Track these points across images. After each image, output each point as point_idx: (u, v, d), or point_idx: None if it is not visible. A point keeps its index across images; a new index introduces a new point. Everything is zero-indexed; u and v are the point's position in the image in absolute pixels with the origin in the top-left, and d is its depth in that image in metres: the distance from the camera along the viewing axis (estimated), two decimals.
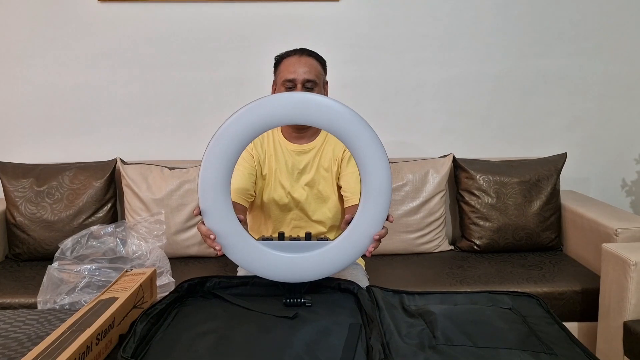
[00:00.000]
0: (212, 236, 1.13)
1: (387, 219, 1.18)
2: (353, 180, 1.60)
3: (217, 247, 1.14)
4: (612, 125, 2.63)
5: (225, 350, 0.95)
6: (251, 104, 1.11)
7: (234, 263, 2.17)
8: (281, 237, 1.19)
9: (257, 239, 1.17)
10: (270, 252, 1.15)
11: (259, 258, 1.15)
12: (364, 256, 1.21)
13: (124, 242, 1.89)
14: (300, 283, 1.18)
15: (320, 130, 1.69)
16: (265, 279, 1.23)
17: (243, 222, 1.19)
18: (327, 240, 1.19)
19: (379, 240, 1.18)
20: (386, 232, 1.19)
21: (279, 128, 1.69)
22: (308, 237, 1.20)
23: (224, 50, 2.47)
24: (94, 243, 1.87)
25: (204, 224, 1.14)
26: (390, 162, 1.17)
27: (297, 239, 1.19)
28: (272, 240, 1.18)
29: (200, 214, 1.15)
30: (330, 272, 1.17)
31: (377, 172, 1.13)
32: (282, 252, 1.15)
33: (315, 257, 1.16)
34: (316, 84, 1.58)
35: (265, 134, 1.70)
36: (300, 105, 1.10)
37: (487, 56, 2.53)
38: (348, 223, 1.18)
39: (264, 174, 1.66)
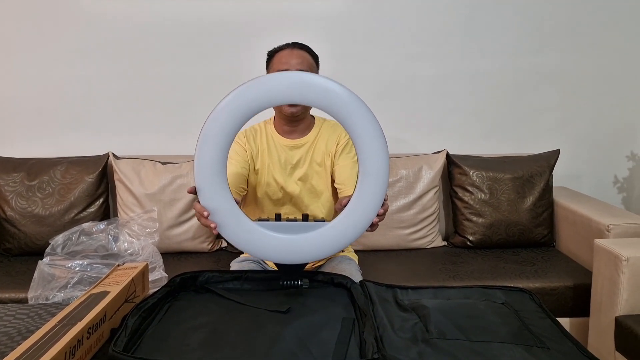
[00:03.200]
0: (205, 213, 1.11)
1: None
2: (346, 173, 1.60)
3: (212, 225, 1.12)
4: (605, 123, 2.64)
5: (218, 344, 0.95)
6: (249, 82, 1.09)
7: (227, 258, 2.17)
8: (278, 218, 1.17)
9: (254, 220, 1.15)
10: (267, 233, 1.13)
11: (256, 238, 1.13)
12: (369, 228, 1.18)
13: (116, 239, 1.87)
14: (297, 265, 1.16)
15: (313, 125, 1.68)
16: (258, 274, 1.23)
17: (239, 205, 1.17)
18: (324, 222, 1.17)
19: (383, 215, 1.17)
20: (387, 208, 1.18)
21: (272, 123, 1.69)
22: (305, 218, 1.18)
23: (217, 45, 2.46)
24: (85, 239, 1.86)
25: (199, 203, 1.13)
26: None
27: (294, 220, 1.18)
28: (268, 221, 1.16)
29: (194, 192, 1.13)
30: (328, 254, 1.16)
31: (374, 151, 1.11)
32: (279, 233, 1.13)
33: (313, 238, 1.14)
34: None
35: (258, 128, 1.69)
36: (298, 84, 1.09)
37: (481, 53, 2.54)
38: (343, 206, 1.16)
39: (256, 168, 1.65)
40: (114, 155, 2.32)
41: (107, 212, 2.31)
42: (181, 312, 1.08)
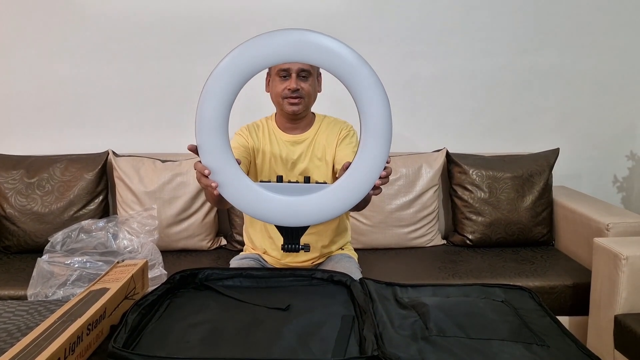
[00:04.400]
0: (206, 171, 1.09)
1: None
2: (347, 159, 1.59)
3: (212, 184, 1.10)
4: (605, 122, 2.64)
5: (218, 341, 0.95)
6: (250, 39, 1.07)
7: (226, 256, 2.17)
8: (279, 180, 1.16)
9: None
10: (268, 194, 1.11)
11: (257, 199, 1.11)
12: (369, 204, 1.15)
13: (115, 237, 1.87)
14: (299, 228, 1.15)
15: (314, 121, 1.68)
16: (258, 271, 1.23)
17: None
18: (326, 184, 1.15)
19: (385, 178, 1.15)
20: (390, 172, 1.16)
21: (274, 119, 1.69)
22: (307, 181, 1.17)
23: (217, 42, 2.45)
24: (84, 237, 1.86)
25: (200, 163, 1.11)
26: None
27: (296, 182, 1.16)
28: (270, 182, 1.14)
29: (194, 151, 1.11)
30: (330, 216, 1.14)
31: (376, 110, 1.09)
32: (280, 194, 1.11)
33: (315, 200, 1.11)
34: (310, 74, 1.58)
35: (260, 123, 1.69)
36: (300, 42, 1.07)
37: (481, 51, 2.53)
38: (345, 169, 1.14)
39: (257, 162, 1.65)
40: (114, 153, 2.32)
41: (107, 210, 2.31)
42: (181, 309, 1.08)
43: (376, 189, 1.15)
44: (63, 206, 2.19)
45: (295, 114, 1.59)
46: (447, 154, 2.41)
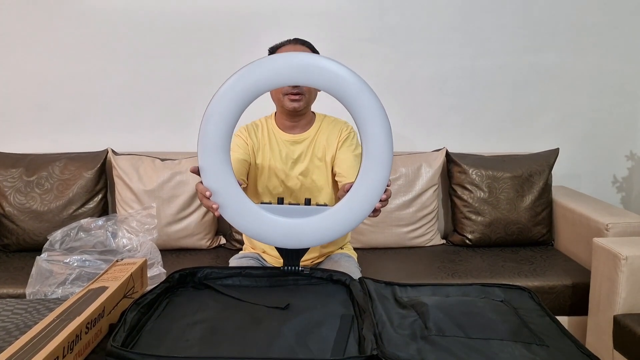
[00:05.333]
0: (207, 193, 1.10)
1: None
2: (347, 164, 1.60)
3: (214, 206, 1.11)
4: (604, 122, 2.64)
5: (216, 340, 0.95)
6: (254, 62, 1.08)
7: (225, 255, 2.17)
8: (280, 202, 1.16)
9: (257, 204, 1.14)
10: (269, 216, 1.11)
11: (258, 221, 1.11)
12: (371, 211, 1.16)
13: (114, 236, 1.87)
14: (299, 250, 1.15)
15: (314, 120, 1.68)
16: (257, 271, 1.23)
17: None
18: (326, 206, 1.16)
19: (385, 201, 1.16)
20: (390, 194, 1.17)
21: (273, 118, 1.69)
22: (307, 203, 1.17)
23: (217, 42, 2.45)
24: (83, 236, 1.85)
25: (202, 183, 1.12)
26: None
27: (297, 204, 1.16)
28: (271, 204, 1.15)
29: (197, 172, 1.12)
30: (330, 239, 1.14)
31: (378, 136, 1.10)
32: (281, 216, 1.12)
33: (316, 222, 1.12)
34: None
35: (259, 123, 1.69)
36: (303, 66, 1.07)
37: (481, 51, 2.53)
38: (346, 191, 1.15)
39: (257, 162, 1.65)
40: (113, 152, 2.31)
41: (106, 209, 2.31)
42: (180, 307, 1.08)
43: (376, 211, 1.17)
44: (62, 204, 2.19)
45: (296, 110, 1.59)
46: (447, 154, 2.41)
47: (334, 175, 1.66)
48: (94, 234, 1.87)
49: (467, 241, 2.31)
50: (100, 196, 2.27)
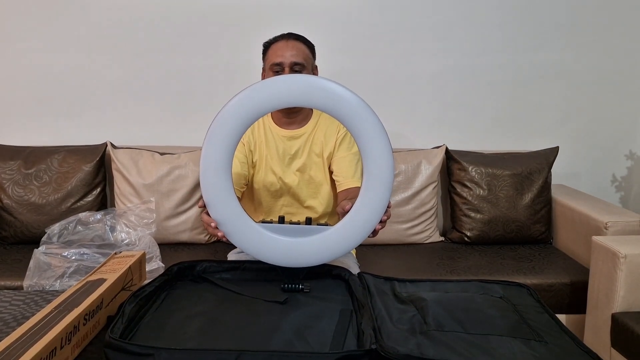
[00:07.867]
0: (213, 224, 1.13)
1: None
2: (345, 164, 1.59)
3: (219, 234, 1.14)
4: (604, 121, 2.64)
5: (215, 333, 0.94)
6: (255, 85, 1.08)
7: (224, 249, 2.16)
8: (281, 221, 1.17)
9: (258, 222, 1.15)
10: (270, 235, 1.13)
11: (260, 241, 1.13)
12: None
13: (112, 229, 1.86)
14: (299, 268, 1.16)
15: (311, 115, 1.67)
16: (256, 264, 1.23)
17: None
18: (327, 226, 1.17)
19: (385, 222, 1.17)
20: (390, 215, 1.19)
21: (269, 114, 1.68)
22: (308, 222, 1.18)
23: (217, 36, 2.44)
24: (81, 229, 1.84)
25: (207, 214, 1.14)
26: None
27: (298, 223, 1.18)
28: (272, 223, 1.16)
29: (204, 206, 1.14)
30: (330, 258, 1.16)
31: (380, 158, 1.10)
32: (282, 235, 1.13)
33: (316, 242, 1.14)
34: (304, 67, 1.57)
35: None
36: (305, 88, 1.08)
37: (482, 48, 2.53)
38: (346, 211, 1.16)
39: (254, 160, 1.64)
40: (112, 145, 2.31)
41: (105, 202, 2.30)
42: (178, 300, 1.08)
43: (375, 231, 1.18)
44: (60, 197, 2.18)
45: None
46: (447, 151, 2.40)
47: (331, 172, 1.65)
48: (92, 227, 1.87)
49: (466, 238, 2.31)
50: (98, 189, 2.26)
